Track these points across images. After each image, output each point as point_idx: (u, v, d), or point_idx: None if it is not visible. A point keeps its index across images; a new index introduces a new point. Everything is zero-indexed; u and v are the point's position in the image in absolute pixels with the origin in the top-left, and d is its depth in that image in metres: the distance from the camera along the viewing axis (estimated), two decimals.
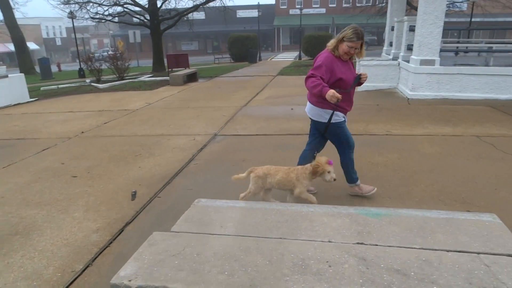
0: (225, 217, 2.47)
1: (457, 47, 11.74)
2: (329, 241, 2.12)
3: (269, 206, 2.58)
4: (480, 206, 3.28)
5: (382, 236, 2.14)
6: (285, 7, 47.10)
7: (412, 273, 1.81)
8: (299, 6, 30.99)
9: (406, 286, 1.72)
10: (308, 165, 3.06)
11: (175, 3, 37.57)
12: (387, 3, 15.83)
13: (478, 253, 1.96)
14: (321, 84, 2.93)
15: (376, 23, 30.00)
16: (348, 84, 3.18)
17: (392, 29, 12.03)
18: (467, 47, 12.05)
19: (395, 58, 10.64)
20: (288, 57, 32.03)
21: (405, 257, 1.94)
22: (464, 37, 15.75)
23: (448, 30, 16.98)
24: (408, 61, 8.87)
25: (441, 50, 8.59)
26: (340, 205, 2.54)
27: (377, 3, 28.10)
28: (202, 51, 47.91)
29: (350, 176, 3.46)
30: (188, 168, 4.58)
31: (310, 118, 3.45)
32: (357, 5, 36.51)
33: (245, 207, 2.61)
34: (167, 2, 20.43)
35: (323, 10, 45.99)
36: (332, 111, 3.16)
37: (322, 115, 3.26)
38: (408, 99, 8.22)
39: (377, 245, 2.06)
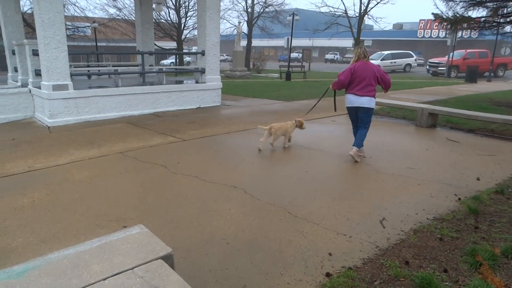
0: None
1: (89, 71, 12.23)
2: None
3: None
4: (133, 218, 3.54)
5: None
6: None
7: None
8: None
9: None
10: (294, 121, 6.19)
11: None
12: None
13: (133, 268, 2.07)
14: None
15: None
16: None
17: (14, 53, 10.93)
18: (99, 70, 12.81)
19: (24, 85, 9.74)
20: None
21: None
22: (94, 61, 16.67)
23: (79, 54, 17.47)
24: (40, 87, 8.34)
25: (73, 74, 8.65)
26: None
27: None
28: None
29: (361, 143, 5.46)
30: None
31: (362, 107, 5.37)
32: None
33: None
34: None
35: None
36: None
37: (373, 102, 5.44)
38: (49, 127, 7.76)
39: None
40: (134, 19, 15.14)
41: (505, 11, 10.49)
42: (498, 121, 7.24)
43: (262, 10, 30.59)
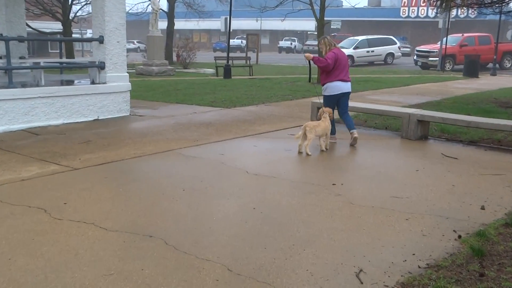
0: None
1: None
2: None
3: None
4: None
5: None
6: None
7: None
8: None
9: None
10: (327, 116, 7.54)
11: None
12: None
13: None
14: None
15: None
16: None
17: None
18: None
19: None
20: None
21: None
22: None
23: None
24: None
25: None
26: None
27: None
28: None
29: (352, 124, 7.93)
30: None
31: (347, 92, 7.80)
32: None
33: None
34: None
35: None
36: None
37: None
38: None
39: None
40: None
41: None
42: (505, 128, 7.79)
43: None
